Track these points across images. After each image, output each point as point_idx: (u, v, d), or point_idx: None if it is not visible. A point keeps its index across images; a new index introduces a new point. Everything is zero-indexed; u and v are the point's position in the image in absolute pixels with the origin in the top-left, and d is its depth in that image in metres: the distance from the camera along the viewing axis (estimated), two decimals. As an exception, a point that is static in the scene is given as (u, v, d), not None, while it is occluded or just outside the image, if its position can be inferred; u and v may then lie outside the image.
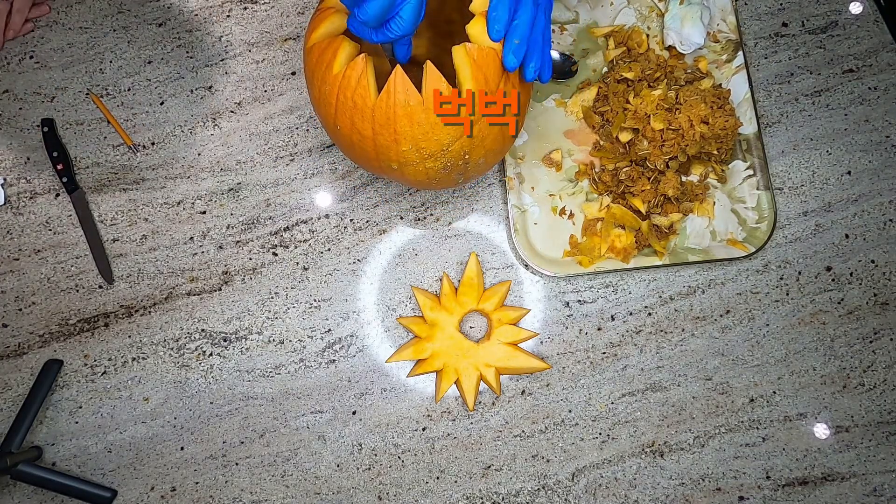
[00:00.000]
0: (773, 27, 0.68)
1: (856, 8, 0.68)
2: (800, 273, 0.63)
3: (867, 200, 0.64)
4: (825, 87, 0.66)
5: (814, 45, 0.67)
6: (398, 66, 0.47)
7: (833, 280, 0.63)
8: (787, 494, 0.60)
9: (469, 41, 0.47)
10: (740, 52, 0.64)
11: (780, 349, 0.62)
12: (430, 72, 0.46)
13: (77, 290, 0.62)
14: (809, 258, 0.63)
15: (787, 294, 0.63)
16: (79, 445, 0.60)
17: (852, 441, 0.60)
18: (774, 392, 0.61)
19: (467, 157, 0.50)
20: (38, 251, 0.63)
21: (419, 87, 0.47)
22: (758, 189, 0.63)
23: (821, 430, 0.61)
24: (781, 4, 0.68)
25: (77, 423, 0.60)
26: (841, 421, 0.61)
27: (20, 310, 0.62)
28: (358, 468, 0.59)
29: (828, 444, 0.60)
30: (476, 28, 0.47)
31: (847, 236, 0.64)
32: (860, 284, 0.63)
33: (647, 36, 0.66)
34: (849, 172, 0.65)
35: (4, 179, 0.64)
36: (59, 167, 0.63)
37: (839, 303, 0.63)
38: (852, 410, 0.61)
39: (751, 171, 0.63)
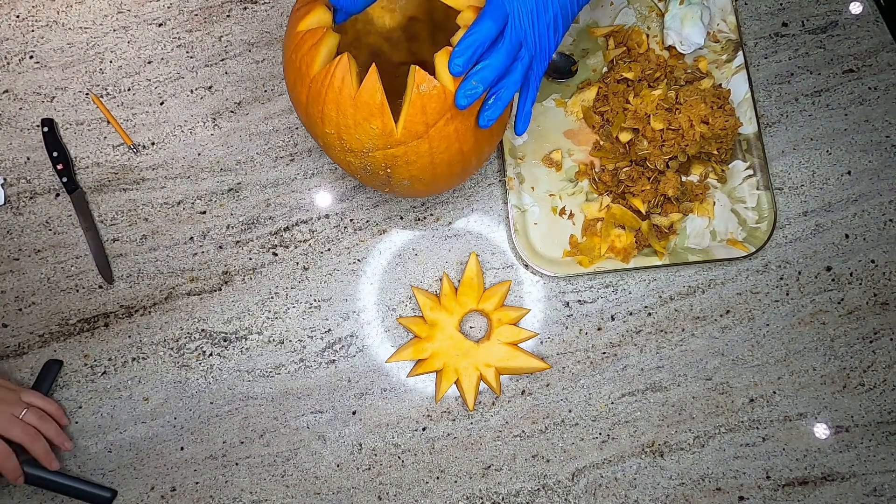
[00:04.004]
0: (773, 27, 0.68)
1: (856, 8, 0.68)
2: (800, 273, 0.63)
3: (867, 200, 0.64)
4: (825, 87, 0.66)
5: (814, 45, 0.67)
6: (346, 53, 0.46)
7: (833, 280, 0.63)
8: (787, 494, 0.60)
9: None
10: (740, 52, 0.64)
11: (780, 349, 0.62)
12: (372, 73, 0.45)
13: (77, 290, 0.62)
14: (809, 258, 0.63)
15: (787, 294, 0.63)
16: (79, 445, 0.60)
17: (852, 441, 0.60)
18: (774, 392, 0.61)
19: (389, 171, 0.49)
20: (38, 251, 0.63)
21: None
22: (758, 189, 0.63)
23: (821, 430, 0.61)
24: (781, 4, 0.68)
25: (77, 423, 0.60)
26: (841, 421, 0.61)
27: (20, 310, 0.62)
28: (358, 468, 0.59)
29: (828, 444, 0.60)
30: (441, 59, 0.45)
31: (847, 236, 0.64)
32: (860, 284, 0.63)
33: (647, 36, 0.66)
34: (849, 172, 0.65)
35: (4, 179, 0.64)
36: (59, 167, 0.63)
37: (839, 303, 0.63)
38: (852, 410, 0.61)
39: (751, 171, 0.63)
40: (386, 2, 0.58)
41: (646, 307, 0.62)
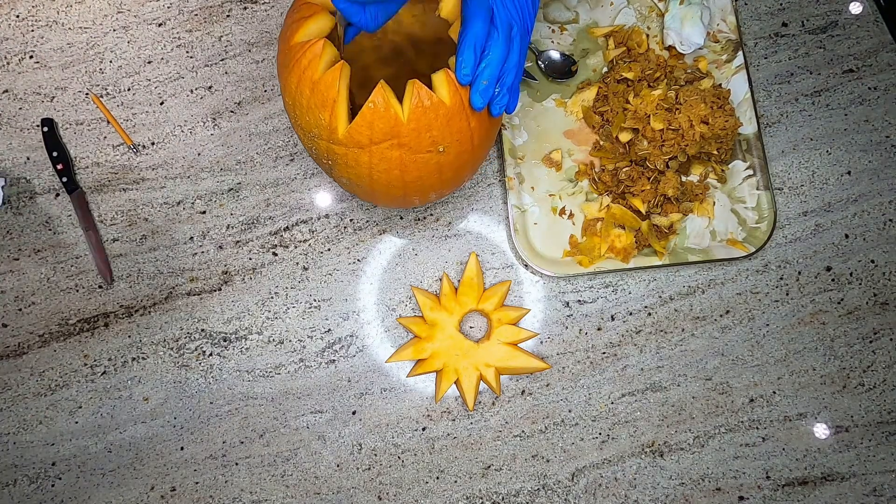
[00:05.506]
0: (773, 27, 0.68)
1: (856, 8, 0.68)
2: (800, 273, 0.63)
3: (867, 200, 0.65)
4: (825, 87, 0.66)
5: (814, 45, 0.67)
6: (323, 39, 0.46)
7: (833, 280, 0.63)
8: (787, 494, 0.60)
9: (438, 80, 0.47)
10: (740, 52, 0.64)
11: (779, 349, 0.62)
12: (336, 68, 0.45)
13: (77, 290, 0.62)
14: (809, 258, 0.63)
15: (787, 294, 0.63)
16: (78, 445, 0.60)
17: (852, 441, 0.60)
18: (774, 392, 0.61)
19: (330, 163, 0.50)
20: (38, 251, 0.63)
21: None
22: (758, 189, 0.63)
23: (821, 430, 0.61)
24: (781, 4, 0.68)
25: (77, 422, 0.60)
26: (841, 421, 0.61)
27: (20, 310, 0.62)
28: (358, 468, 0.59)
29: (828, 444, 0.60)
30: (438, 78, 0.46)
31: (847, 236, 0.64)
32: (860, 284, 0.63)
33: (647, 36, 0.66)
34: (849, 172, 0.65)
35: (5, 180, 0.64)
36: (59, 167, 0.63)
37: (839, 303, 0.63)
38: (852, 410, 0.61)
39: (751, 171, 0.63)
40: (419, 12, 0.58)
41: (646, 307, 0.62)
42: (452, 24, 0.49)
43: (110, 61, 0.66)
